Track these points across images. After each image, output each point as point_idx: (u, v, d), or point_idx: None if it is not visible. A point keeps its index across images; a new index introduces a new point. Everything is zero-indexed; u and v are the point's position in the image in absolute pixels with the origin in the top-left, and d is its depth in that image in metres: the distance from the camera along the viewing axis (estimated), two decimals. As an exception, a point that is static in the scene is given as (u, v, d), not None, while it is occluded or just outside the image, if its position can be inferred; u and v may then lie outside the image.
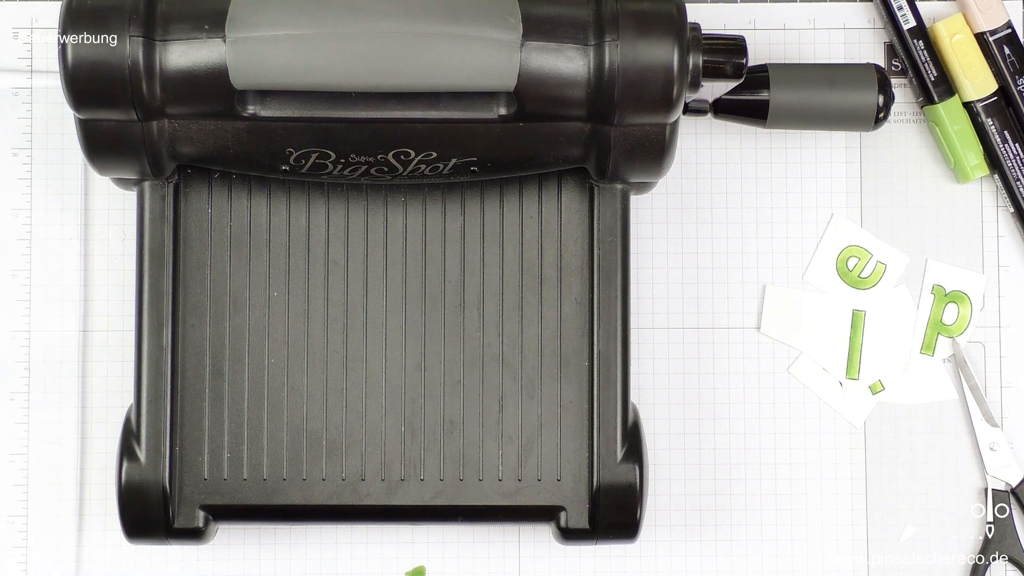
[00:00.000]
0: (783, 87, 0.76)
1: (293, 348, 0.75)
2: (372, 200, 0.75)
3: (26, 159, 0.80)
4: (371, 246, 0.75)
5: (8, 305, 0.79)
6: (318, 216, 0.75)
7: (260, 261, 0.75)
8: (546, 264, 0.75)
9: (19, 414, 0.79)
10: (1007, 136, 0.79)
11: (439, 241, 0.75)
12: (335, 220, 0.75)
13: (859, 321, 0.80)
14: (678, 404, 0.80)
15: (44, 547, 0.79)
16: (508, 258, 0.75)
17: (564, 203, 0.75)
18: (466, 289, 0.75)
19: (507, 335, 0.75)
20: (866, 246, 0.81)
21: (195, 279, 0.74)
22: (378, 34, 0.66)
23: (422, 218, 0.75)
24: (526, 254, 0.75)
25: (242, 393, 0.74)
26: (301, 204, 0.75)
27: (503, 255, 0.75)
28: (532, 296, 0.75)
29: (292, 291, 0.75)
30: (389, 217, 0.75)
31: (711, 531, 0.80)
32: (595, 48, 0.67)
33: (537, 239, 0.75)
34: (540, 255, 0.75)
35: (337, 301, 0.75)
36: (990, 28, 0.80)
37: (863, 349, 0.80)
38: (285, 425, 0.74)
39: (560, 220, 0.75)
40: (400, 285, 0.75)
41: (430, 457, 0.74)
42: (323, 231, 0.75)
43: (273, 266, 0.75)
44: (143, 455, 0.73)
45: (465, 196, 0.75)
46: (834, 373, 0.80)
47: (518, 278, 0.75)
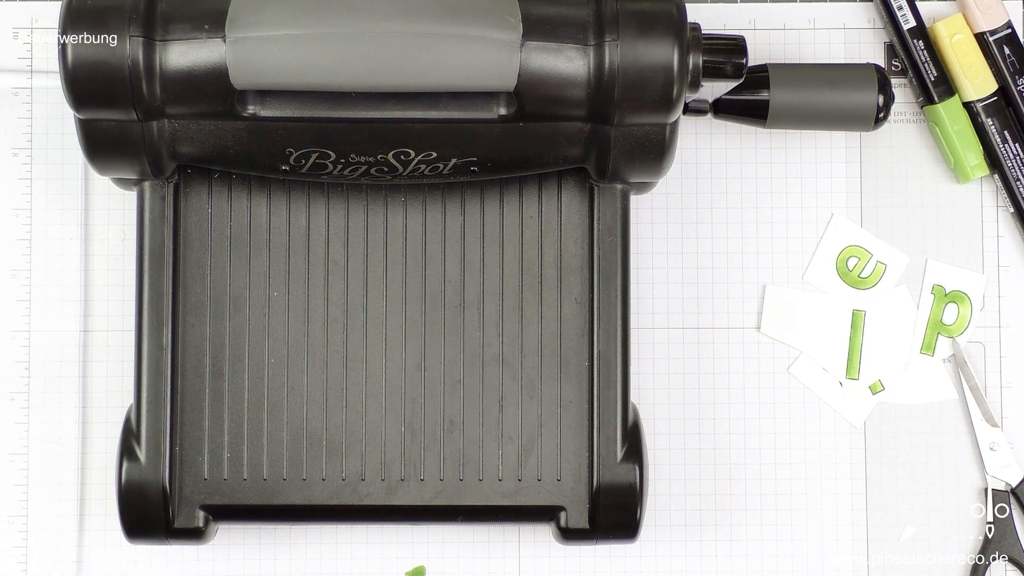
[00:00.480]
0: (783, 87, 0.76)
1: (293, 348, 0.75)
2: (372, 200, 0.75)
3: (26, 159, 0.80)
4: (371, 246, 0.75)
5: (8, 305, 0.79)
6: (318, 216, 0.75)
7: (260, 261, 0.75)
8: (546, 264, 0.75)
9: (19, 414, 0.79)
10: (1007, 136, 0.79)
11: (439, 241, 0.75)
12: (335, 220, 0.75)
13: (859, 321, 0.80)
14: (678, 404, 0.80)
15: (44, 547, 0.79)
16: (508, 258, 0.75)
17: (564, 203, 0.75)
18: (466, 289, 0.75)
19: (507, 335, 0.75)
20: (866, 246, 0.81)
21: (195, 279, 0.74)
22: (378, 34, 0.66)
23: (422, 218, 0.75)
24: (526, 254, 0.75)
25: (242, 393, 0.74)
26: (301, 204, 0.75)
27: (503, 255, 0.75)
28: (532, 296, 0.75)
29: (292, 291, 0.75)
30: (389, 217, 0.75)
31: (711, 531, 0.80)
32: (595, 48, 0.67)
33: (537, 239, 0.75)
34: (540, 255, 0.75)
35: (337, 301, 0.75)
36: (990, 28, 0.80)
37: (863, 349, 0.80)
38: (285, 425, 0.74)
39: (560, 220, 0.75)
40: (400, 285, 0.75)
41: (430, 457, 0.74)
42: (323, 231, 0.75)
43: (273, 266, 0.75)
44: (143, 455, 0.73)
45: (465, 196, 0.75)
46: (834, 373, 0.80)
47: (518, 278, 0.75)
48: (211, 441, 0.74)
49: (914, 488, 0.80)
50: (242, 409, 0.74)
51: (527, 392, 0.75)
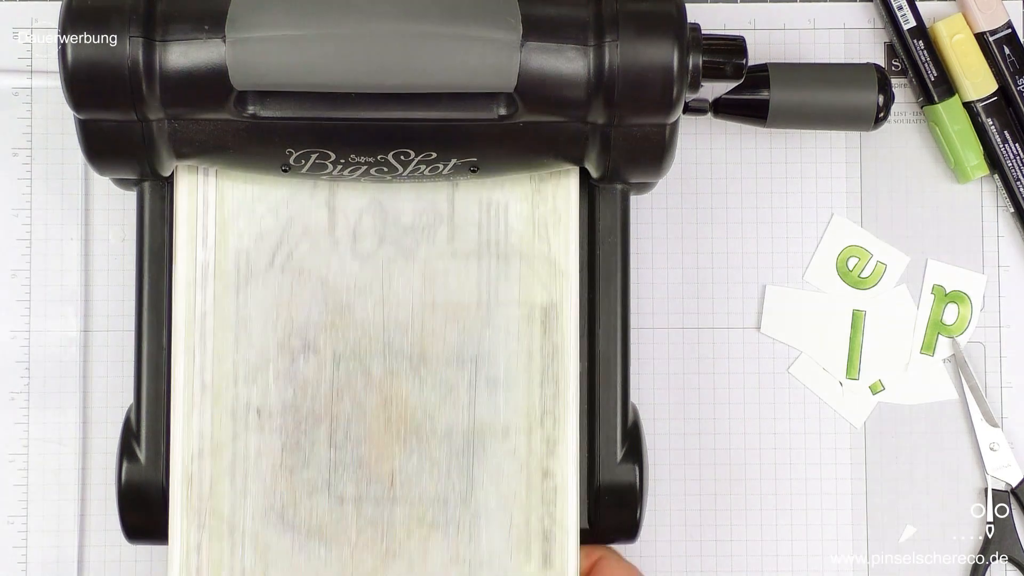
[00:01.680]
0: (783, 87, 0.76)
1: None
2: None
3: (26, 159, 0.80)
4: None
5: (8, 305, 0.79)
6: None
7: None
8: (546, 264, 0.75)
9: (19, 414, 0.79)
10: (1007, 136, 0.79)
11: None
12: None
13: (859, 321, 0.80)
14: (678, 404, 0.80)
15: (44, 547, 0.79)
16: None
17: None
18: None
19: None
20: (866, 246, 0.81)
21: (195, 279, 0.74)
22: (378, 34, 0.66)
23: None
24: (526, 254, 0.75)
25: (242, 393, 0.74)
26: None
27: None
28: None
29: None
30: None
31: (711, 531, 0.80)
32: (595, 48, 0.67)
33: (537, 239, 0.75)
34: (540, 255, 0.75)
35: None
36: (990, 28, 0.80)
37: (863, 349, 0.80)
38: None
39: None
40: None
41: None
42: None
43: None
44: (143, 455, 0.73)
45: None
46: (834, 373, 0.80)
47: (518, 278, 0.75)
48: (211, 441, 0.74)
49: (914, 488, 0.80)
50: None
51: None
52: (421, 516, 0.72)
